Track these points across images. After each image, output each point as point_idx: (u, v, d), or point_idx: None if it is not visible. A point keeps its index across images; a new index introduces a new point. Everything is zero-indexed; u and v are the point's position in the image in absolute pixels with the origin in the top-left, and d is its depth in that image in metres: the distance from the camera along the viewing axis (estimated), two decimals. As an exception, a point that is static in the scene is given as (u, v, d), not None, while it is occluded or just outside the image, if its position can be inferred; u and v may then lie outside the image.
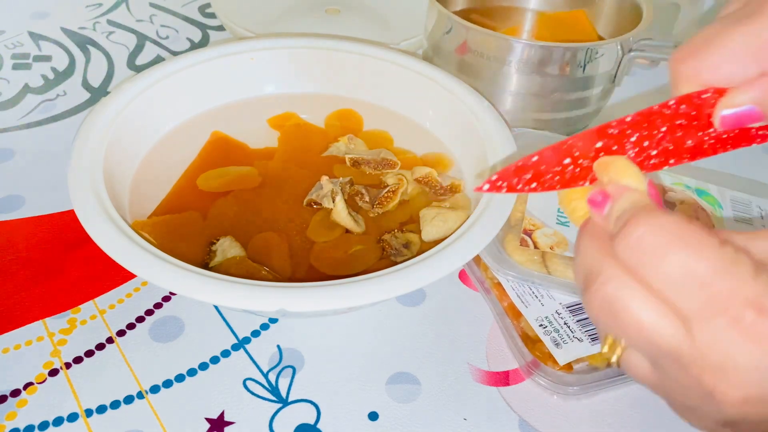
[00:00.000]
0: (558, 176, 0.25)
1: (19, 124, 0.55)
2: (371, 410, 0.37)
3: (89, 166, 0.40)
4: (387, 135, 0.51)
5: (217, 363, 0.39)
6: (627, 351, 0.24)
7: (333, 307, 0.33)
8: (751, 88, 0.24)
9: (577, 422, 0.37)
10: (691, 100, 0.25)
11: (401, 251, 0.41)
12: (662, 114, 0.25)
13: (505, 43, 0.49)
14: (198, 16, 0.72)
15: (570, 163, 0.24)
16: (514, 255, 0.41)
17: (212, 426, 0.36)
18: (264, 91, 0.53)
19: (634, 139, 0.25)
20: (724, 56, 0.24)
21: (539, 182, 0.24)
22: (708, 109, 0.25)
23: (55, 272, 0.43)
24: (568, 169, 0.24)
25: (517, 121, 0.53)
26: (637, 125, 0.25)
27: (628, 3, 0.56)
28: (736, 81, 0.24)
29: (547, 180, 0.24)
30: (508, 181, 0.24)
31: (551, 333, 0.38)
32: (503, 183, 0.24)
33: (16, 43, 0.65)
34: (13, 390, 0.37)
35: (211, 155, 0.48)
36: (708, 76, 0.24)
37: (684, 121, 0.25)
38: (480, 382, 0.39)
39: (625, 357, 0.24)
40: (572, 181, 0.25)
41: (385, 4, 0.71)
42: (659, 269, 0.21)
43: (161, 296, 0.43)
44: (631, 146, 0.25)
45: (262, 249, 0.41)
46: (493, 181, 0.24)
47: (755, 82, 0.24)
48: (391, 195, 0.44)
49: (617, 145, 0.25)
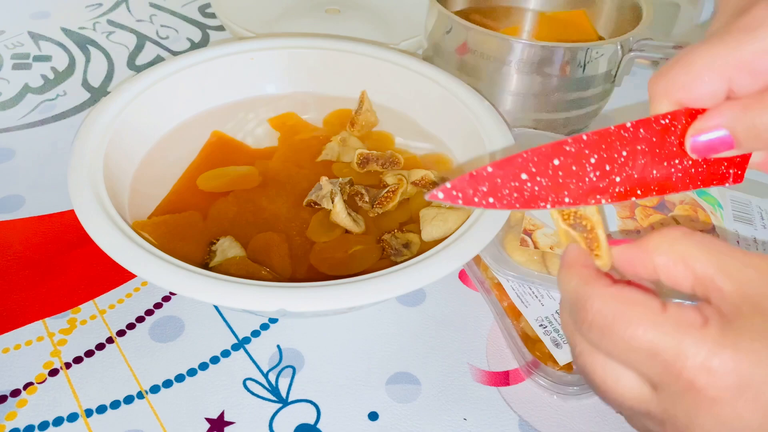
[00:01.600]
0: (516, 193, 0.24)
1: (19, 124, 0.55)
2: (371, 410, 0.37)
3: (89, 166, 0.40)
4: (388, 135, 0.51)
5: (217, 363, 0.39)
6: None
7: (333, 307, 0.33)
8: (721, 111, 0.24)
9: (577, 422, 0.37)
10: (650, 125, 0.24)
11: (401, 251, 0.41)
12: (620, 136, 0.24)
13: (505, 43, 0.49)
14: (198, 16, 0.72)
15: (527, 179, 0.24)
16: (514, 255, 0.41)
17: (212, 426, 0.36)
18: (264, 91, 0.53)
19: (594, 161, 0.24)
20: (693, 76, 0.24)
21: (496, 197, 0.24)
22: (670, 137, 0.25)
23: (55, 272, 0.43)
24: (526, 185, 0.24)
25: (517, 121, 0.53)
26: (594, 145, 0.24)
27: (628, 3, 0.56)
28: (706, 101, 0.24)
29: (505, 197, 0.24)
30: (463, 191, 0.23)
31: (551, 333, 0.38)
32: (458, 192, 0.23)
33: (16, 43, 0.65)
34: (13, 390, 0.37)
35: (211, 155, 0.48)
36: (679, 95, 0.24)
37: (645, 146, 0.25)
38: (480, 382, 0.39)
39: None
40: (532, 201, 0.24)
41: (385, 4, 0.71)
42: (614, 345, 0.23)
43: (161, 296, 0.43)
44: (591, 168, 0.24)
45: (262, 249, 0.41)
46: (448, 189, 0.23)
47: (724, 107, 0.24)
48: (390, 195, 0.44)
49: (576, 166, 0.24)
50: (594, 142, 0.24)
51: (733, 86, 0.23)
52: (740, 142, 0.24)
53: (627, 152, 0.24)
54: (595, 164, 0.24)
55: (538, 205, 0.24)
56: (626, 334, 0.22)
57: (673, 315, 0.22)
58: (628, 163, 0.25)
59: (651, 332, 0.22)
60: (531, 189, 0.24)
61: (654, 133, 0.25)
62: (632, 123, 0.24)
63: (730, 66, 0.23)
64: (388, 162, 0.47)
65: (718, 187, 0.27)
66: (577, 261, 0.25)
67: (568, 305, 0.25)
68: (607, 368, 0.23)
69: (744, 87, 0.23)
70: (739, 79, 0.23)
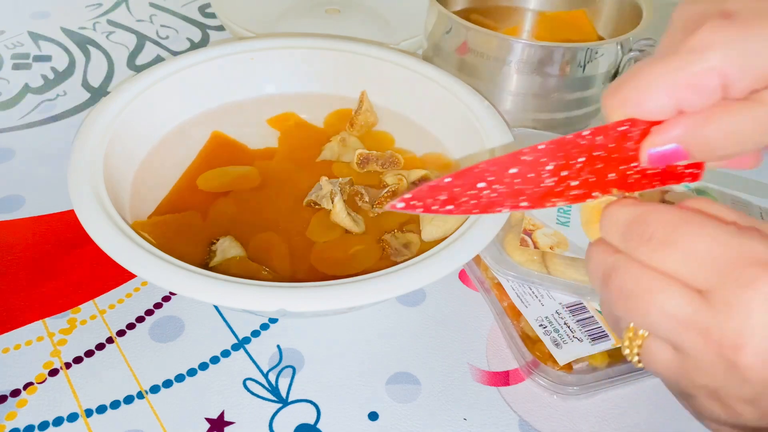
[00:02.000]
0: (474, 200, 0.25)
1: (19, 124, 0.55)
2: (371, 410, 0.37)
3: (89, 166, 0.40)
4: (388, 135, 0.51)
5: (217, 363, 0.39)
6: (648, 341, 0.25)
7: (333, 307, 0.33)
8: (673, 127, 0.24)
9: (577, 422, 0.37)
10: (608, 132, 0.25)
11: (401, 251, 0.41)
12: (577, 144, 0.25)
13: (505, 43, 0.49)
14: (198, 16, 0.72)
15: (485, 188, 0.25)
16: (514, 255, 0.41)
17: (212, 426, 0.36)
18: (264, 91, 0.53)
19: (550, 168, 0.25)
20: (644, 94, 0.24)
21: (455, 204, 0.25)
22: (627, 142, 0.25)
23: (55, 272, 0.43)
24: (483, 193, 0.25)
25: (517, 121, 0.53)
26: (550, 153, 0.25)
27: (628, 3, 0.56)
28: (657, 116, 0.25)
29: (463, 203, 0.25)
30: (423, 200, 0.24)
31: (551, 333, 0.38)
32: (417, 203, 0.24)
33: (16, 43, 0.65)
34: (13, 390, 0.37)
35: (211, 155, 0.48)
36: (631, 110, 0.25)
37: (603, 152, 0.25)
38: (480, 382, 0.39)
39: (646, 347, 0.25)
40: (490, 206, 0.25)
41: (385, 4, 0.71)
42: (671, 253, 0.23)
43: (161, 296, 0.43)
44: (547, 174, 0.25)
45: (262, 249, 0.41)
46: (407, 199, 0.24)
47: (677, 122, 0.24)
48: (390, 195, 0.44)
49: (533, 173, 0.25)
50: (550, 151, 0.25)
51: (681, 104, 0.24)
52: (693, 154, 0.25)
53: (585, 158, 0.25)
54: (551, 170, 0.25)
55: (495, 210, 0.25)
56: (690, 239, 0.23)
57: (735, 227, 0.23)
58: (585, 168, 0.25)
59: (715, 236, 0.22)
60: (488, 196, 0.25)
61: (611, 139, 0.25)
62: (591, 130, 0.25)
63: (678, 85, 0.24)
64: (388, 162, 0.47)
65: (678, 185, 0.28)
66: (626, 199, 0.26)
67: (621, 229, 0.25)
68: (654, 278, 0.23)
69: (691, 105, 0.24)
70: (687, 97, 0.24)
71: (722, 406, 0.24)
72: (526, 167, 0.25)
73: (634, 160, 0.26)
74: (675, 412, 0.38)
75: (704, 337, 0.22)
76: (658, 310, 0.23)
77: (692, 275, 0.23)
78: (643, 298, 0.23)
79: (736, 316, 0.22)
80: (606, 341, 0.38)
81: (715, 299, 0.22)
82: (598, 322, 0.39)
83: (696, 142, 0.24)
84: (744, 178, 0.54)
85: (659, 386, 0.39)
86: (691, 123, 0.24)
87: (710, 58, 0.23)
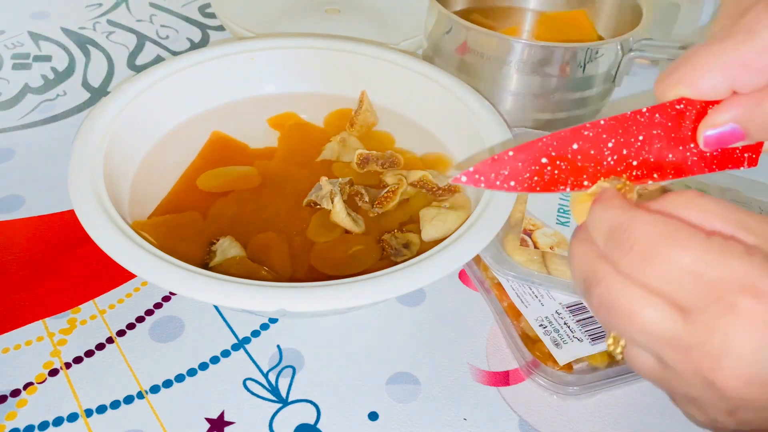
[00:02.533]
0: (537, 176, 0.24)
1: (19, 124, 0.55)
2: (371, 410, 0.37)
3: (89, 166, 0.40)
4: (388, 135, 0.51)
5: (217, 363, 0.39)
6: (629, 347, 0.25)
7: (333, 307, 0.33)
8: (730, 107, 0.25)
9: (577, 422, 0.37)
10: (665, 110, 0.25)
11: (401, 251, 0.41)
12: (636, 121, 0.25)
13: (505, 43, 0.49)
14: (198, 16, 0.72)
15: (547, 164, 0.24)
16: (514, 255, 0.41)
17: (212, 426, 0.36)
18: (264, 91, 0.53)
19: (611, 145, 0.25)
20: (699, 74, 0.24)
21: (517, 181, 0.24)
22: (685, 121, 0.25)
23: (55, 272, 0.43)
24: (546, 169, 0.24)
25: (517, 121, 0.53)
26: (611, 129, 0.25)
27: (628, 3, 0.56)
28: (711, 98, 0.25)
29: (525, 180, 0.24)
30: (485, 174, 0.24)
31: (551, 333, 0.38)
32: (480, 176, 0.24)
33: (16, 43, 0.65)
34: (13, 390, 0.37)
35: (211, 155, 0.48)
36: (685, 89, 0.25)
37: (661, 131, 0.25)
38: (480, 382, 0.39)
39: (628, 352, 0.25)
40: (552, 184, 0.25)
41: (385, 4, 0.71)
42: (652, 267, 0.22)
43: (161, 296, 0.43)
44: (609, 152, 0.25)
45: (262, 249, 0.41)
46: (470, 173, 0.24)
47: (734, 102, 0.25)
48: (390, 195, 0.44)
49: (594, 150, 0.25)
50: (611, 127, 0.25)
51: (735, 84, 0.24)
52: (751, 135, 0.25)
53: (643, 136, 0.25)
54: (612, 148, 0.25)
55: (558, 188, 0.25)
56: (671, 255, 0.22)
57: (718, 241, 0.22)
58: (644, 147, 0.25)
59: (697, 253, 0.22)
60: (551, 173, 0.25)
61: (669, 118, 0.25)
62: (648, 108, 0.25)
63: (732, 64, 0.24)
64: (388, 162, 0.47)
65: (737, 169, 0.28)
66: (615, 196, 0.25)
67: (605, 233, 0.24)
68: (635, 295, 0.23)
69: (746, 84, 0.24)
70: (742, 76, 0.24)
71: (702, 413, 0.24)
72: (588, 143, 0.25)
73: (693, 141, 0.26)
74: (675, 412, 0.38)
75: (684, 355, 0.22)
76: (638, 327, 0.23)
77: (673, 293, 0.22)
78: (623, 314, 0.23)
79: (716, 340, 0.21)
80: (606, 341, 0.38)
81: (696, 321, 0.22)
82: (598, 322, 0.39)
83: (754, 121, 0.24)
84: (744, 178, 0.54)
85: (659, 386, 0.39)
86: (749, 101, 0.24)
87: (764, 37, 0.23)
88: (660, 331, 0.23)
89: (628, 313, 0.23)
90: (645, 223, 0.23)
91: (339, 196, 0.42)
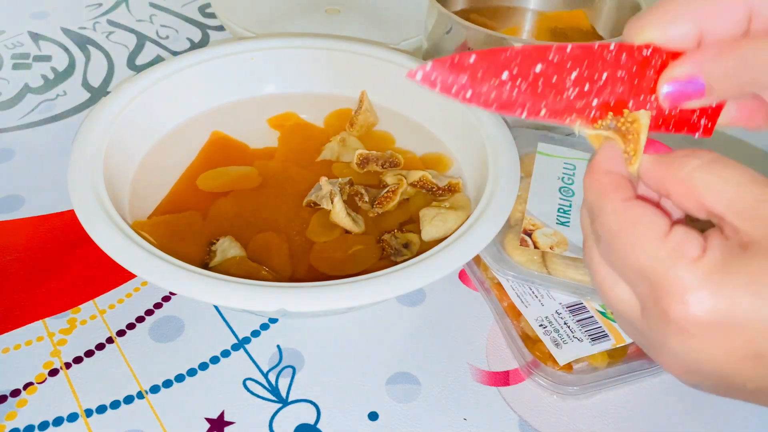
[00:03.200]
0: (495, 92, 0.23)
1: (19, 124, 0.55)
2: (371, 410, 0.37)
3: (89, 166, 0.40)
4: (388, 135, 0.51)
5: (217, 363, 0.39)
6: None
7: (333, 307, 0.33)
8: (691, 57, 0.24)
9: (577, 422, 0.37)
10: (632, 52, 0.25)
11: (401, 251, 0.41)
12: (602, 57, 0.24)
13: (505, 43, 0.49)
14: (198, 16, 0.72)
15: (507, 80, 0.23)
16: (514, 255, 0.41)
17: (212, 426, 0.36)
18: (264, 91, 0.53)
19: (574, 77, 0.24)
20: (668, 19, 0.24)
21: (474, 93, 0.23)
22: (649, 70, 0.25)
23: (55, 272, 0.43)
24: (505, 87, 0.23)
25: (517, 121, 0.53)
26: (576, 59, 0.24)
27: (628, 3, 0.56)
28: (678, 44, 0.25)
29: (483, 94, 0.23)
30: (443, 77, 0.23)
31: (551, 333, 0.38)
32: (437, 78, 0.23)
33: (16, 43, 0.65)
34: (13, 390, 0.37)
35: (211, 155, 0.48)
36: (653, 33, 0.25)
37: (625, 74, 0.25)
38: (480, 382, 0.39)
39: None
40: (508, 105, 0.24)
41: (385, 4, 0.71)
42: (615, 258, 0.24)
43: (161, 296, 0.43)
44: (570, 84, 0.24)
45: (262, 249, 0.41)
46: (427, 72, 0.23)
47: (695, 52, 0.24)
48: (390, 195, 0.44)
49: (557, 77, 0.24)
50: (576, 57, 0.24)
51: (704, 32, 0.24)
52: (712, 88, 0.24)
53: (607, 75, 0.25)
54: (575, 81, 0.24)
55: (513, 111, 0.24)
56: (624, 253, 0.23)
57: (672, 242, 0.22)
58: (606, 87, 0.25)
59: (645, 255, 0.23)
60: (509, 92, 0.24)
61: (635, 62, 0.25)
62: (615, 44, 0.24)
63: (702, 12, 0.24)
64: (388, 162, 0.47)
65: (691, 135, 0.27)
66: (602, 165, 0.25)
67: (589, 209, 0.26)
68: (608, 275, 0.25)
69: (716, 33, 0.24)
70: (711, 25, 0.24)
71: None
72: (552, 68, 0.24)
73: (654, 93, 0.25)
74: (675, 412, 0.38)
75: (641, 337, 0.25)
76: (607, 302, 0.26)
77: (630, 284, 0.24)
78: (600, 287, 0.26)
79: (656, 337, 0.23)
80: (606, 341, 0.38)
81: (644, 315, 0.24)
82: (598, 322, 0.39)
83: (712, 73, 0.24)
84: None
85: (659, 386, 0.39)
86: (709, 53, 0.24)
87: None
88: (626, 312, 0.25)
89: (600, 287, 0.25)
90: (610, 214, 0.24)
91: (339, 196, 0.42)
